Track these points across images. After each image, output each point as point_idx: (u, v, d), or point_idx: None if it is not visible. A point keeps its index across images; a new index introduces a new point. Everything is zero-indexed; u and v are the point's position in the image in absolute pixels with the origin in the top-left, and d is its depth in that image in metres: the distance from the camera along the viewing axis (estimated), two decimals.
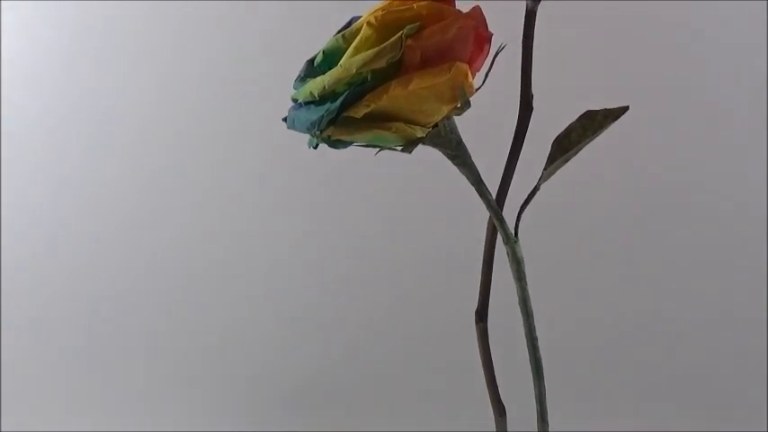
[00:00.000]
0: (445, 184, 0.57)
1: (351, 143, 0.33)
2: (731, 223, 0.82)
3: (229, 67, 0.87)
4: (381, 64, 0.31)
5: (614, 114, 0.36)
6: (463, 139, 0.35)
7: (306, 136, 0.33)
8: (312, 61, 0.34)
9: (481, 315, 0.39)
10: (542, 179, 0.36)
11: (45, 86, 0.90)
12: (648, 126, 0.81)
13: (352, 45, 0.32)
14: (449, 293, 0.70)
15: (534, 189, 0.36)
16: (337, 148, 0.33)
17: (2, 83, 0.89)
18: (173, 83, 0.88)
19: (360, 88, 0.31)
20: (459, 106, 0.33)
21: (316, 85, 0.32)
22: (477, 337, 0.39)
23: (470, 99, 0.32)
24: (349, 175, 0.85)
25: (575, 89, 0.72)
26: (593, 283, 0.83)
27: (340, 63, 0.32)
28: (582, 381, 0.81)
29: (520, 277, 0.37)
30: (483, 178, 0.36)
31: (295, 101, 0.34)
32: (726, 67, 0.82)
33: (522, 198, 0.36)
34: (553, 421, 0.38)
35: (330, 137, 0.32)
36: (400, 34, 0.31)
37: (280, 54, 0.75)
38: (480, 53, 0.33)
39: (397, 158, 0.36)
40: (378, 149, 0.34)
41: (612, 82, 0.81)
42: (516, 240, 0.36)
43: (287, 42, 0.82)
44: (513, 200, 0.37)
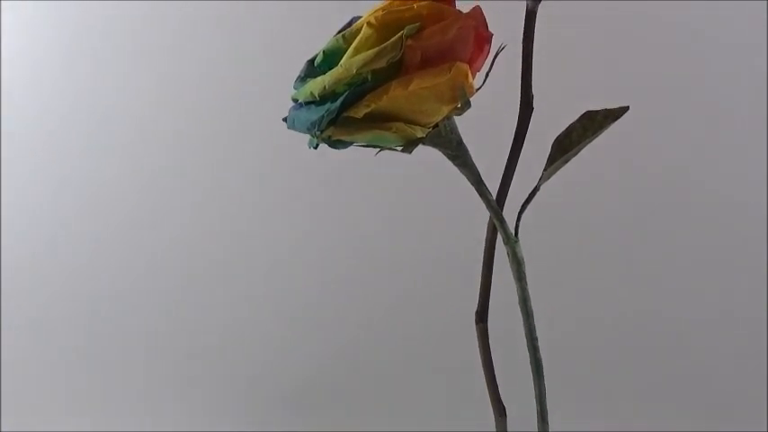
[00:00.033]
0: (445, 184, 0.57)
1: (351, 143, 0.33)
2: (731, 223, 0.82)
3: (229, 67, 0.87)
4: (382, 64, 0.31)
5: (614, 114, 0.36)
6: (463, 140, 0.35)
7: (306, 136, 0.33)
8: (312, 61, 0.34)
9: (481, 315, 0.39)
10: (542, 179, 0.36)
11: (45, 86, 0.90)
12: (648, 126, 0.81)
13: (353, 45, 0.32)
14: (449, 294, 0.70)
15: (534, 189, 0.36)
16: (337, 148, 0.33)
17: (2, 83, 0.89)
18: (172, 83, 0.88)
19: (360, 88, 0.31)
20: (459, 106, 0.33)
21: (316, 86, 0.32)
22: (478, 337, 0.39)
23: (470, 99, 0.32)
24: (349, 176, 0.85)
25: (575, 89, 0.72)
26: (593, 283, 0.83)
27: (340, 63, 0.32)
28: (582, 381, 0.81)
29: (520, 277, 0.37)
30: (483, 178, 0.36)
31: (295, 101, 0.34)
32: (726, 67, 0.82)
33: (523, 198, 0.36)
34: (553, 421, 0.38)
35: (330, 137, 0.32)
36: (400, 34, 0.31)
37: (280, 54, 0.75)
38: (480, 53, 0.33)
39: (397, 158, 0.36)
40: (378, 149, 0.34)
41: (612, 82, 0.81)
42: (516, 240, 0.36)
43: (287, 42, 0.82)
44: (513, 200, 0.37)
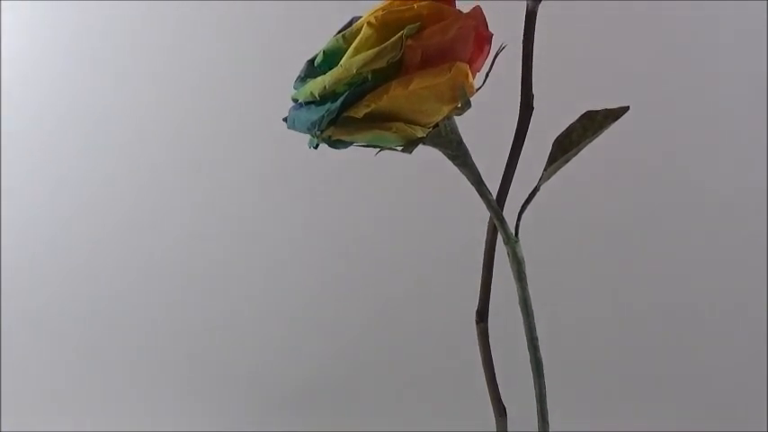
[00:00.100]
0: (445, 184, 0.57)
1: (351, 143, 0.33)
2: (731, 223, 0.82)
3: (229, 67, 0.87)
4: (382, 64, 0.31)
5: (614, 114, 0.36)
6: (463, 140, 0.35)
7: (306, 136, 0.33)
8: (312, 61, 0.34)
9: (481, 315, 0.39)
10: (543, 179, 0.36)
11: (44, 86, 0.90)
12: (648, 126, 0.81)
13: (353, 45, 0.32)
14: (449, 293, 0.70)
15: (535, 189, 0.36)
16: (337, 148, 0.33)
17: (1, 83, 0.89)
18: (172, 83, 0.88)
19: (360, 88, 0.31)
20: (459, 106, 0.33)
21: (316, 85, 0.32)
22: (478, 336, 0.39)
23: (471, 99, 0.32)
24: (349, 176, 0.85)
25: (575, 89, 0.72)
26: (593, 283, 0.83)
27: (340, 63, 0.32)
28: (582, 381, 0.81)
29: (520, 277, 0.37)
30: (483, 178, 0.36)
31: (295, 101, 0.34)
32: (726, 67, 0.82)
33: (523, 198, 0.36)
34: (553, 421, 0.38)
35: (330, 137, 0.32)
36: (401, 34, 0.31)
37: (279, 54, 0.75)
38: (481, 53, 0.33)
39: (398, 158, 0.36)
40: (378, 149, 0.34)
41: (612, 82, 0.81)
42: (517, 240, 0.36)
43: (287, 42, 0.82)
44: (513, 200, 0.37)
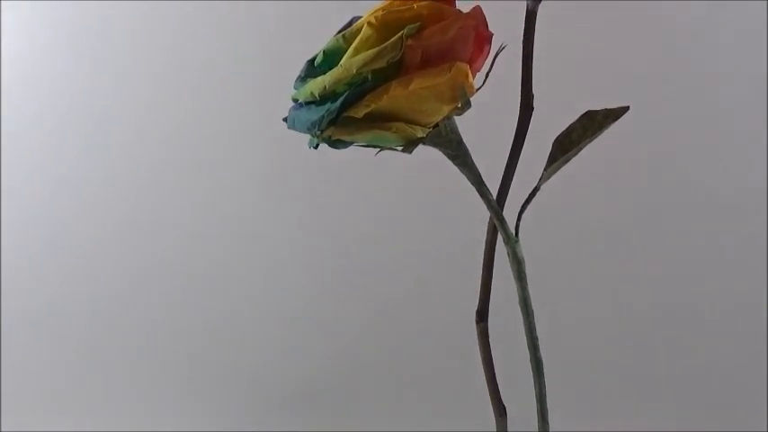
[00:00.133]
0: (445, 184, 0.57)
1: (351, 143, 0.33)
2: (731, 223, 0.82)
3: (229, 67, 0.87)
4: (382, 64, 0.31)
5: (614, 114, 0.36)
6: (463, 140, 0.35)
7: (306, 136, 0.33)
8: (312, 61, 0.34)
9: (481, 315, 0.39)
10: (543, 179, 0.36)
11: (44, 86, 0.90)
12: (648, 126, 0.81)
13: (353, 45, 0.32)
14: (449, 293, 0.70)
15: (535, 189, 0.36)
16: (337, 148, 0.33)
17: (1, 83, 0.89)
18: (171, 83, 0.88)
19: (360, 88, 0.31)
20: (459, 106, 0.33)
21: (316, 85, 0.32)
22: (478, 336, 0.39)
23: (471, 99, 0.32)
24: (349, 176, 0.85)
25: (575, 89, 0.72)
26: (593, 282, 0.83)
27: (340, 63, 0.32)
28: (582, 380, 0.81)
29: (520, 277, 0.37)
30: (483, 178, 0.36)
31: (295, 101, 0.34)
32: (726, 67, 0.82)
33: (523, 198, 0.36)
34: (553, 421, 0.38)
35: (330, 137, 0.32)
36: (401, 34, 0.31)
37: (280, 54, 0.75)
38: (481, 53, 0.33)
39: (398, 158, 0.36)
40: (378, 149, 0.34)
41: (612, 82, 0.81)
42: (517, 240, 0.36)
43: (287, 42, 0.82)
44: (513, 200, 0.37)
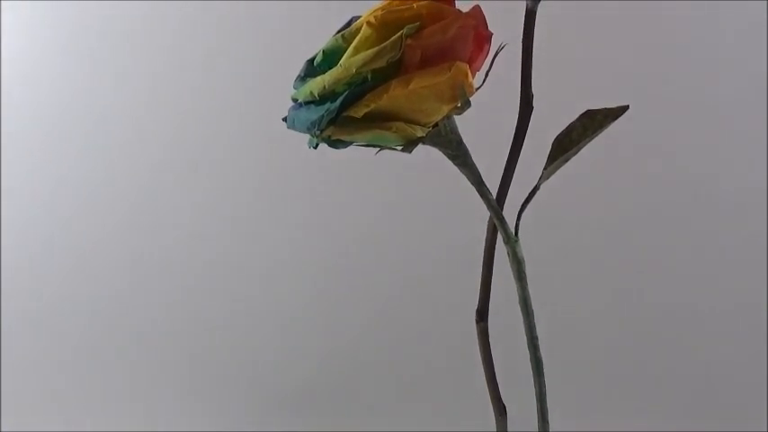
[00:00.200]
0: (445, 184, 0.57)
1: (351, 143, 0.33)
2: (731, 223, 0.82)
3: (229, 67, 0.87)
4: (381, 63, 0.31)
5: (614, 114, 0.36)
6: (463, 139, 0.35)
7: (305, 136, 0.33)
8: (312, 61, 0.34)
9: (481, 314, 0.39)
10: (542, 179, 0.36)
11: (43, 86, 0.90)
12: (648, 126, 0.81)
13: (352, 45, 0.32)
14: (449, 293, 0.70)
15: (534, 188, 0.36)
16: (337, 147, 0.33)
17: (1, 83, 0.89)
18: (171, 83, 0.88)
19: (360, 88, 0.31)
20: (459, 106, 0.33)
21: (316, 85, 0.32)
22: (478, 336, 0.39)
23: (470, 99, 0.32)
24: (349, 175, 0.85)
25: (575, 89, 0.72)
26: (593, 282, 0.83)
27: (340, 63, 0.32)
28: (582, 380, 0.81)
29: (520, 277, 0.37)
30: (483, 178, 0.36)
31: (295, 101, 0.34)
32: (726, 67, 0.82)
33: (523, 198, 0.36)
34: (553, 420, 0.38)
35: (330, 137, 0.32)
36: (400, 34, 0.31)
37: (280, 54, 0.75)
38: (480, 53, 0.33)
39: (397, 158, 0.36)
40: (378, 149, 0.34)
41: (612, 82, 0.81)
42: (516, 240, 0.36)
43: (287, 42, 0.82)
44: (513, 200, 0.37)
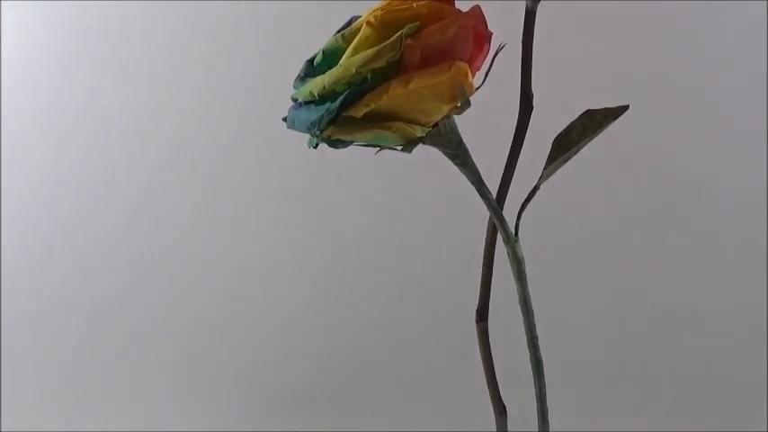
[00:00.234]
0: (445, 184, 0.57)
1: (351, 143, 0.33)
2: (731, 223, 0.82)
3: (229, 67, 0.87)
4: (381, 63, 0.31)
5: (614, 113, 0.36)
6: (463, 139, 0.35)
7: (305, 135, 0.33)
8: (312, 61, 0.34)
9: (481, 314, 0.39)
10: (542, 178, 0.36)
11: (43, 86, 0.90)
12: (648, 126, 0.81)
13: (352, 45, 0.32)
14: (449, 293, 0.70)
15: (534, 188, 0.36)
16: (337, 147, 0.33)
17: (2, 83, 0.89)
18: (171, 83, 0.88)
19: (360, 88, 0.31)
20: (459, 105, 0.33)
21: (315, 85, 0.32)
22: (478, 336, 0.39)
23: (470, 98, 0.32)
24: (349, 175, 0.85)
25: (574, 88, 0.72)
26: (593, 282, 0.83)
27: (340, 63, 0.32)
28: (582, 380, 0.81)
29: (520, 277, 0.37)
30: (483, 178, 0.36)
31: (295, 100, 0.34)
32: (726, 67, 0.82)
33: (523, 198, 0.36)
34: (553, 420, 0.38)
35: (330, 136, 0.32)
36: (400, 33, 0.31)
37: (279, 54, 0.75)
38: (480, 52, 0.33)
39: (397, 158, 0.36)
40: (378, 149, 0.34)
41: (612, 82, 0.81)
42: (516, 240, 0.36)
43: (287, 42, 0.82)
44: (513, 199, 0.37)
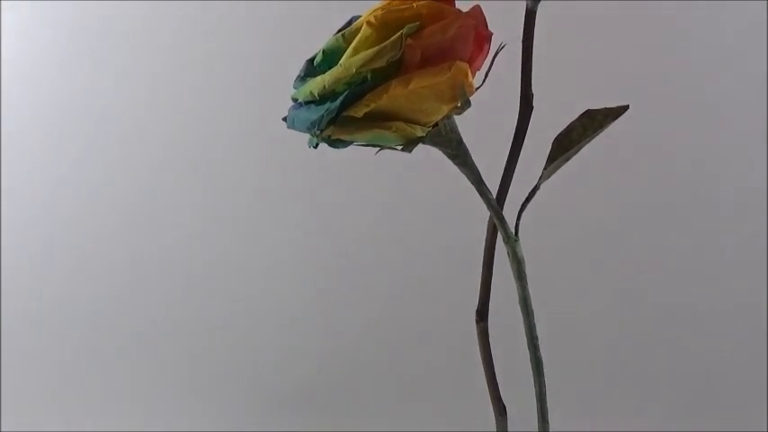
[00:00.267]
0: (445, 184, 0.57)
1: (351, 143, 0.33)
2: (731, 223, 0.82)
3: (229, 67, 0.87)
4: (381, 63, 0.31)
5: (614, 113, 0.36)
6: (463, 139, 0.35)
7: (305, 135, 0.33)
8: (312, 61, 0.34)
9: (481, 314, 0.39)
10: (543, 178, 0.36)
11: (43, 86, 0.90)
12: (648, 126, 0.81)
13: (352, 44, 0.32)
14: (449, 293, 0.70)
15: (534, 188, 0.36)
16: (337, 147, 0.33)
17: (2, 83, 0.89)
18: (171, 83, 0.88)
19: (360, 88, 0.31)
20: (459, 105, 0.33)
21: (316, 85, 0.32)
22: (478, 336, 0.39)
23: (470, 98, 0.32)
24: (349, 175, 0.85)
25: (574, 88, 0.72)
26: (593, 282, 0.83)
27: (340, 62, 0.32)
28: (582, 380, 0.81)
29: (520, 276, 0.37)
30: (483, 178, 0.36)
31: (295, 100, 0.34)
32: (726, 67, 0.82)
33: (523, 197, 0.36)
34: (553, 420, 0.38)
35: (330, 136, 0.32)
36: (400, 33, 0.31)
37: (279, 54, 0.75)
38: (480, 52, 0.33)
39: (398, 158, 0.36)
40: (378, 149, 0.34)
41: (612, 82, 0.81)
42: (517, 240, 0.36)
43: (287, 42, 0.82)
44: (513, 199, 0.37)
